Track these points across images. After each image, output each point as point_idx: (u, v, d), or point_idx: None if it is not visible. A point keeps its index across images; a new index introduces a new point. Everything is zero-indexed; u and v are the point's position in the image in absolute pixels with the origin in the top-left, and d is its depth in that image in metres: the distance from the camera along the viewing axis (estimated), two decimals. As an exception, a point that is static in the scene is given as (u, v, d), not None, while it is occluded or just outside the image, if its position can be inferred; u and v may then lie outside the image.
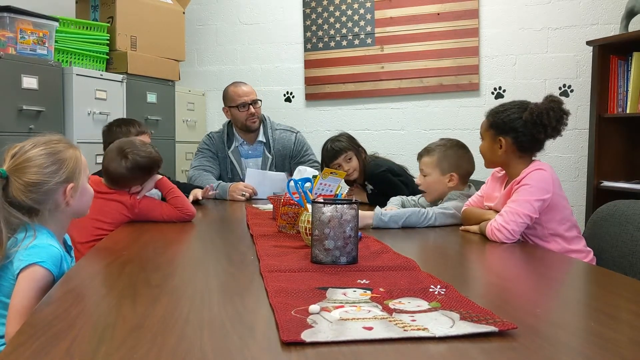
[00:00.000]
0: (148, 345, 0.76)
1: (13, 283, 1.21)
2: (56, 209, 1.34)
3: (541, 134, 1.68)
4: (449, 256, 1.54)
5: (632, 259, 1.59)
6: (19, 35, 2.46)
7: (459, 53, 3.38)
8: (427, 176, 2.03)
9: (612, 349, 0.76)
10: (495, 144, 1.75)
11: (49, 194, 1.31)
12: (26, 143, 1.33)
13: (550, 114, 1.65)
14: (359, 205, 1.31)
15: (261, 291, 1.04)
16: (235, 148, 2.94)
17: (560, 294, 1.16)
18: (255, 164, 2.93)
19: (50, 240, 1.29)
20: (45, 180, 1.29)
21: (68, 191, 1.34)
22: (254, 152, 2.96)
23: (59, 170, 1.32)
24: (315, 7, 3.62)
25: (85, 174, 1.41)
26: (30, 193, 1.28)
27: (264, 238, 1.57)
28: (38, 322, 0.85)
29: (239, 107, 2.86)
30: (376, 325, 0.83)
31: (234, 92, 2.90)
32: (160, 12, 3.22)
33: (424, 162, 2.05)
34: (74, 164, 1.36)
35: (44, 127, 2.48)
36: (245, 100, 2.86)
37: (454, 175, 2.00)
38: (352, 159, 2.54)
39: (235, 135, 2.95)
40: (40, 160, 1.30)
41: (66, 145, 1.37)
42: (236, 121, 2.91)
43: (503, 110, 1.75)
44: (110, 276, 1.20)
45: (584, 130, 3.17)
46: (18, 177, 1.27)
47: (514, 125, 1.70)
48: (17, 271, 1.20)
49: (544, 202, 1.64)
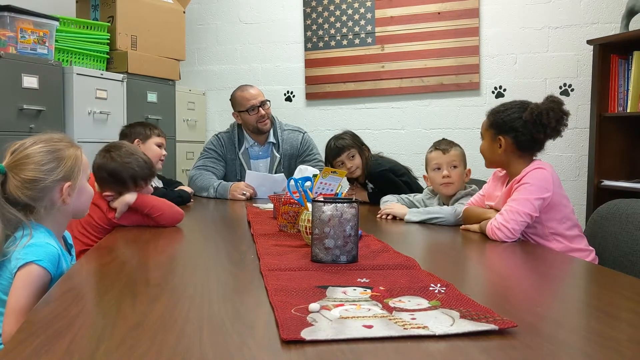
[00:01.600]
0: (148, 344, 0.76)
1: (11, 281, 1.21)
2: (52, 206, 1.33)
3: (541, 134, 1.68)
4: (449, 255, 1.54)
5: (633, 258, 1.59)
6: (20, 34, 2.46)
7: (460, 52, 3.38)
8: (458, 167, 2.03)
9: (613, 348, 0.76)
10: (495, 143, 1.75)
11: (45, 191, 1.30)
12: (27, 140, 1.33)
13: (550, 114, 1.65)
14: (359, 205, 1.31)
15: (261, 290, 1.04)
16: (245, 150, 2.93)
17: (561, 292, 1.16)
18: (264, 165, 2.93)
19: (47, 239, 1.28)
20: (41, 178, 1.29)
21: (65, 189, 1.33)
22: (264, 153, 2.95)
23: (56, 168, 1.31)
24: (316, 6, 3.62)
25: (85, 174, 1.41)
26: (26, 190, 1.27)
27: (264, 237, 1.57)
28: (38, 321, 0.85)
29: (249, 110, 2.83)
30: (376, 324, 0.83)
31: (242, 96, 2.88)
32: (160, 12, 3.22)
33: (454, 155, 2.04)
34: (73, 162, 1.35)
35: (44, 127, 2.46)
36: (254, 103, 2.84)
37: (469, 170, 2.05)
38: (355, 157, 2.54)
39: (245, 137, 2.93)
40: (39, 157, 1.29)
41: (67, 144, 1.37)
42: (247, 125, 2.89)
43: (503, 109, 1.75)
44: (110, 275, 1.20)
45: (584, 130, 3.17)
46: (16, 173, 1.27)
47: (514, 125, 1.70)
48: (14, 270, 1.20)
49: (544, 201, 1.63)
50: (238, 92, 2.92)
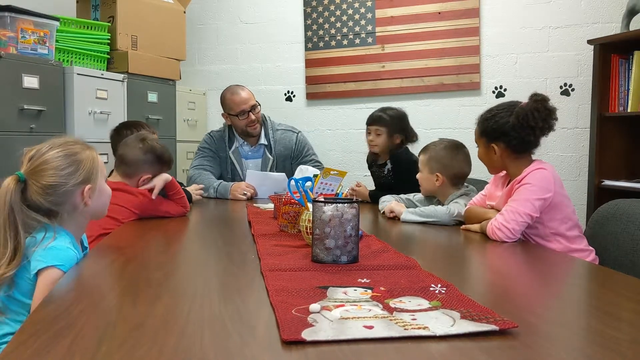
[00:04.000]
0: (149, 344, 0.76)
1: (29, 281, 1.22)
2: (74, 210, 1.35)
3: (531, 135, 1.68)
4: (450, 255, 1.54)
5: (633, 257, 1.59)
6: (20, 34, 2.46)
7: (460, 52, 3.38)
8: (420, 172, 2.10)
9: (613, 348, 0.76)
10: (490, 150, 1.76)
11: (67, 195, 1.32)
12: (42, 145, 1.33)
13: (536, 115, 1.65)
14: (360, 205, 1.31)
15: (262, 290, 1.04)
16: (236, 149, 2.93)
17: (561, 292, 1.16)
18: (255, 165, 2.92)
19: (68, 243, 1.29)
20: (62, 182, 1.30)
21: (86, 192, 1.34)
22: (255, 153, 2.95)
23: (75, 172, 1.32)
24: (316, 6, 3.62)
25: (102, 175, 1.42)
26: (48, 195, 1.28)
27: (265, 237, 1.57)
28: (40, 321, 0.85)
29: (238, 115, 2.83)
30: (377, 324, 0.83)
31: (232, 100, 2.86)
32: (161, 12, 3.22)
33: (419, 159, 2.12)
34: (91, 164, 1.36)
35: (44, 127, 2.49)
36: (244, 108, 2.82)
37: (439, 176, 2.03)
38: (381, 135, 2.50)
39: (236, 136, 2.94)
40: (57, 162, 1.30)
41: (83, 147, 1.38)
42: (236, 127, 2.89)
43: (491, 116, 1.75)
44: (112, 275, 1.20)
45: (585, 129, 3.17)
46: (36, 180, 1.27)
47: (503, 130, 1.71)
48: (34, 271, 1.21)
49: (545, 202, 1.63)
50: (228, 94, 2.89)
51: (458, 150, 2.06)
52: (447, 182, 2.03)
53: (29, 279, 1.22)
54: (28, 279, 1.22)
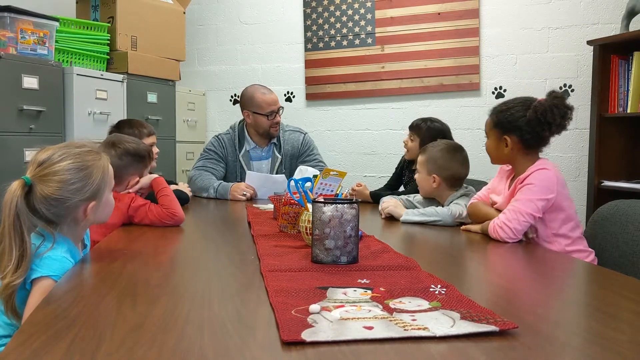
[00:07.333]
0: (148, 345, 0.76)
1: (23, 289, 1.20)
2: (75, 223, 1.34)
3: (546, 131, 1.68)
4: (450, 256, 1.54)
5: (633, 258, 1.59)
6: (20, 35, 2.46)
7: (460, 53, 3.38)
8: (418, 173, 2.11)
9: (613, 349, 0.76)
10: (501, 142, 1.75)
11: (69, 209, 1.30)
12: (55, 151, 1.29)
13: (555, 111, 1.65)
14: (359, 205, 1.31)
15: (261, 291, 1.04)
16: (246, 152, 2.93)
17: (561, 293, 1.16)
18: (264, 166, 2.92)
19: (64, 252, 1.27)
20: (68, 197, 1.27)
21: (89, 209, 1.33)
22: (266, 154, 2.95)
23: (83, 188, 1.30)
24: (316, 6, 3.62)
25: (109, 186, 1.40)
26: (51, 207, 1.26)
27: (264, 238, 1.57)
28: (38, 322, 0.85)
29: (268, 115, 2.82)
30: (376, 325, 0.83)
31: (263, 100, 2.84)
32: (160, 12, 3.22)
33: (418, 160, 2.13)
34: (100, 179, 1.34)
35: (44, 127, 2.49)
36: (274, 109, 2.83)
37: (435, 177, 2.02)
38: (414, 142, 2.57)
39: (247, 139, 2.93)
40: (67, 176, 1.27)
41: (96, 157, 1.35)
42: (258, 127, 2.87)
43: (507, 108, 1.74)
44: (111, 275, 1.20)
45: (584, 130, 3.17)
46: (41, 188, 1.25)
47: (518, 124, 1.70)
48: (29, 279, 1.20)
49: (548, 202, 1.63)
50: (258, 93, 2.87)
51: (455, 152, 2.06)
52: (443, 184, 2.03)
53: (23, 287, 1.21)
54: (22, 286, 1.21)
